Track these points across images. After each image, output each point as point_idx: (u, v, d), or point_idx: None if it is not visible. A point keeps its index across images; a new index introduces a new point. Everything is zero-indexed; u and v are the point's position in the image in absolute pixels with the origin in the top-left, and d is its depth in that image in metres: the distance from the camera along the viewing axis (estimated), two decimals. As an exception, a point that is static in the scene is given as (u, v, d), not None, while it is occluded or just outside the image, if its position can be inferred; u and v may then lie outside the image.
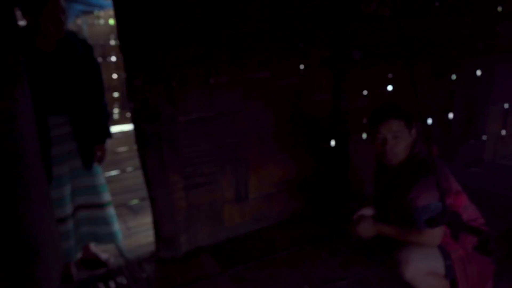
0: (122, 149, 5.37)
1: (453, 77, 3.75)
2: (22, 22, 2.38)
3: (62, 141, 2.48)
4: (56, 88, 2.40)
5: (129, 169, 4.71)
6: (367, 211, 2.41)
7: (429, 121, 3.75)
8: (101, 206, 2.69)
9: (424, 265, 2.05)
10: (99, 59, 6.53)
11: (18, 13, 2.27)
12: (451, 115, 3.84)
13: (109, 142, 2.71)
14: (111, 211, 2.75)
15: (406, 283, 2.08)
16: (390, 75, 3.36)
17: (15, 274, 1.88)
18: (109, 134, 2.67)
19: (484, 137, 4.14)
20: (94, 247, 2.87)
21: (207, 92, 2.76)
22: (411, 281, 2.07)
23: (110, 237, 2.76)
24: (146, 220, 3.31)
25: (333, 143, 3.35)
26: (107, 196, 2.72)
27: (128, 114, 4.76)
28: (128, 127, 6.13)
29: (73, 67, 2.44)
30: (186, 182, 2.83)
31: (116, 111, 7.39)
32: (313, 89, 3.16)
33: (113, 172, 4.58)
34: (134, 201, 3.83)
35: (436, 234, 2.03)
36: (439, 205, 1.97)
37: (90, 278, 2.69)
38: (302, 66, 3.08)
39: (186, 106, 2.71)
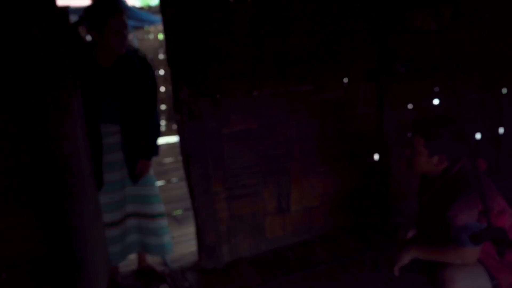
0: (168, 160, 5.48)
1: (504, 91, 3.60)
2: (88, 37, 2.49)
3: (115, 149, 2.55)
4: (110, 100, 2.49)
5: (174, 180, 4.80)
6: (410, 233, 2.35)
7: (478, 136, 3.61)
8: (151, 216, 2.73)
9: (470, 284, 1.97)
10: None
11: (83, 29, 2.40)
12: (501, 130, 3.68)
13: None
14: (162, 223, 2.76)
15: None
16: (436, 89, 3.27)
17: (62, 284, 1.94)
18: (155, 152, 2.69)
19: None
20: (148, 259, 2.90)
21: (250, 105, 2.79)
22: (456, 302, 1.98)
23: (158, 249, 2.78)
24: (189, 230, 3.36)
25: (376, 157, 3.28)
26: (158, 208, 2.75)
27: (175, 126, 4.87)
28: (174, 138, 6.25)
29: (128, 81, 2.50)
30: (228, 193, 2.85)
31: (163, 123, 7.58)
32: (357, 102, 3.12)
33: (159, 183, 4.66)
34: (178, 211, 3.89)
35: (473, 252, 1.95)
36: (476, 225, 1.90)
37: (135, 285, 2.74)
38: (345, 79, 3.05)
39: (229, 118, 2.75)
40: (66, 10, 1.91)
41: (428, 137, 2.04)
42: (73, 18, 2.36)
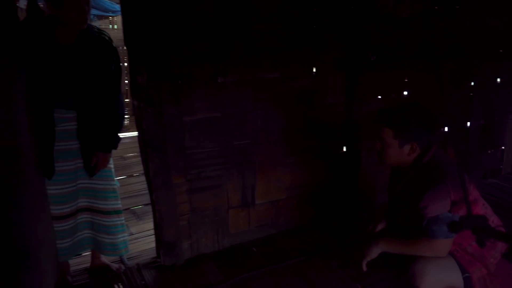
0: (130, 154, 5.27)
1: (473, 83, 3.59)
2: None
3: (69, 137, 2.38)
4: (67, 82, 2.30)
5: (136, 174, 4.61)
6: (380, 226, 2.28)
7: (446, 129, 3.59)
8: (105, 213, 2.56)
9: (441, 278, 1.91)
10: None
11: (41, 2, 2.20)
12: (469, 123, 3.68)
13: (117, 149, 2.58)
14: (117, 220, 2.60)
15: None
16: (406, 80, 3.22)
17: (4, 280, 1.78)
18: (115, 145, 2.51)
19: (503, 147, 3.96)
20: (104, 256, 2.74)
21: (215, 92, 2.65)
22: (427, 297, 1.92)
23: (111, 248, 2.62)
24: (149, 226, 3.20)
25: (345, 149, 3.20)
26: (114, 204, 2.58)
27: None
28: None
29: (89, 63, 2.33)
30: (190, 185, 2.71)
31: (126, 116, 7.32)
32: (326, 92, 3.03)
33: (120, 177, 4.48)
34: (139, 206, 3.72)
35: (445, 244, 1.90)
36: (449, 216, 1.85)
37: (87, 284, 2.57)
38: (314, 68, 2.95)
39: (192, 105, 2.60)
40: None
41: (396, 127, 1.97)
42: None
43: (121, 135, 2.58)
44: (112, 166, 2.59)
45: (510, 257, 1.95)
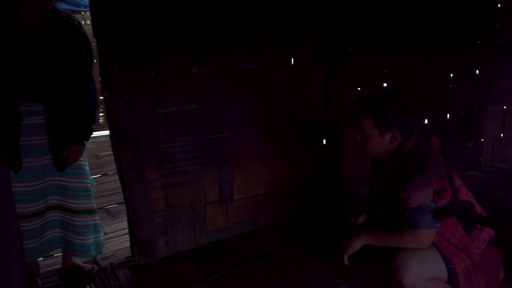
0: (105, 153, 5.12)
1: (452, 74, 3.58)
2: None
3: (37, 131, 2.25)
4: (32, 69, 2.17)
5: (111, 172, 4.48)
6: (361, 218, 2.23)
7: (426, 121, 3.57)
8: (76, 212, 2.44)
9: (425, 269, 1.86)
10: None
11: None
12: (449, 115, 3.67)
13: (91, 147, 2.46)
14: (88, 220, 2.47)
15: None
16: (385, 71, 3.18)
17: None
18: (86, 136, 2.38)
19: (482, 140, 3.97)
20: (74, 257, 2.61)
21: (189, 83, 2.57)
22: (411, 289, 1.87)
23: (81, 249, 2.48)
24: (124, 225, 3.08)
25: (325, 142, 3.15)
26: (86, 203, 2.46)
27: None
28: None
29: (56, 49, 2.19)
30: (165, 180, 2.62)
31: (100, 114, 7.15)
32: (304, 84, 2.97)
33: (95, 176, 4.34)
34: (113, 205, 3.60)
35: (428, 235, 1.86)
36: (431, 205, 1.82)
37: (57, 286, 2.45)
38: (292, 59, 2.89)
39: (166, 97, 2.51)
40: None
41: (375, 115, 1.91)
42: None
43: (96, 133, 2.46)
44: (85, 163, 2.47)
45: (498, 243, 1.90)
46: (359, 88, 3.10)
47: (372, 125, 1.91)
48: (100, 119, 6.97)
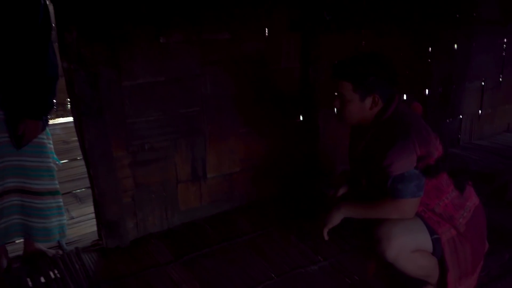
0: (74, 138, 4.90)
1: (430, 49, 3.51)
2: None
3: None
4: None
5: (79, 157, 4.27)
6: (341, 190, 2.12)
7: (404, 97, 3.49)
8: (38, 194, 2.28)
9: (409, 240, 1.77)
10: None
11: None
12: (427, 91, 3.60)
13: (59, 132, 2.28)
14: (52, 202, 2.32)
15: (387, 265, 1.78)
16: (363, 43, 3.08)
17: None
18: (46, 110, 2.19)
19: (461, 116, 3.93)
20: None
21: (157, 53, 2.41)
22: (394, 261, 1.79)
23: (43, 234, 2.33)
24: (91, 209, 2.90)
25: (302, 117, 3.03)
26: (49, 184, 2.30)
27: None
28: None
29: (10, 15, 2.00)
30: (133, 158, 2.47)
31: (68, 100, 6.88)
32: (280, 56, 2.85)
33: (62, 161, 4.14)
34: (81, 190, 3.43)
35: (412, 204, 1.77)
36: (415, 173, 1.71)
37: (18, 270, 2.28)
38: (267, 29, 2.75)
39: (131, 68, 2.36)
40: None
41: (355, 78, 1.79)
42: None
43: (65, 119, 2.29)
44: (47, 141, 2.30)
45: (496, 198, 1.80)
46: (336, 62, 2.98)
47: (352, 89, 1.80)
48: (68, 104, 6.71)
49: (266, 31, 2.76)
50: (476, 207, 1.90)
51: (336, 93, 1.88)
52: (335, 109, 1.93)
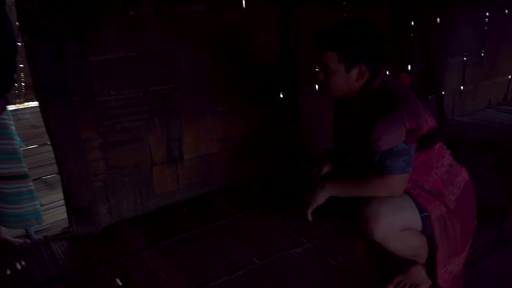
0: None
1: (412, 23, 3.42)
2: None
3: None
4: None
5: (49, 142, 4.08)
6: (326, 168, 2.02)
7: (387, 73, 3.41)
8: (5, 178, 2.16)
9: (397, 219, 1.69)
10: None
11: None
12: (410, 67, 3.53)
13: (29, 117, 2.12)
14: (22, 186, 2.21)
15: (375, 245, 1.71)
16: (345, 16, 2.97)
17: None
18: (5, 87, 2.05)
19: (443, 92, 3.87)
20: (3, 231, 2.32)
21: (127, 26, 2.26)
22: (382, 241, 1.71)
23: (15, 220, 2.24)
24: (62, 196, 2.77)
25: (282, 95, 2.92)
26: (18, 167, 2.19)
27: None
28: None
29: None
30: (103, 139, 2.33)
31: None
32: (258, 29, 2.72)
33: (31, 146, 3.97)
34: (52, 175, 3.28)
35: (401, 180, 1.68)
36: (404, 147, 1.62)
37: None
38: (244, 0, 2.61)
39: (100, 42, 2.20)
40: None
41: (340, 48, 1.67)
42: None
43: (34, 103, 2.13)
44: (9, 122, 2.18)
45: (498, 170, 1.72)
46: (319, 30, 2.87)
47: (337, 60, 1.68)
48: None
49: (243, 3, 2.62)
50: (466, 183, 1.83)
51: (318, 66, 1.77)
52: (318, 83, 1.80)
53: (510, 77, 4.49)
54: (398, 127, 1.61)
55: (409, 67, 3.54)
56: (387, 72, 1.76)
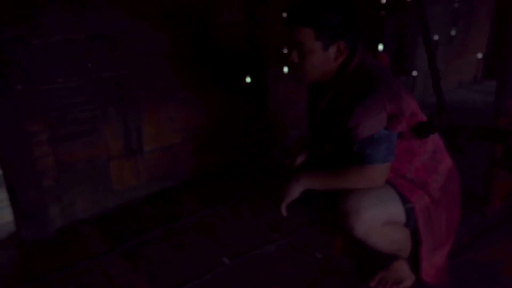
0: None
1: (383, 1, 3.30)
2: None
3: None
4: None
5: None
6: (299, 159, 1.87)
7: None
8: None
9: (380, 213, 1.57)
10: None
11: None
12: (381, 46, 3.41)
13: None
14: None
15: (355, 240, 1.58)
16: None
17: None
18: None
19: (415, 73, 3.79)
20: None
21: (74, 4, 2.02)
22: (364, 237, 1.59)
23: None
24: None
25: (249, 79, 2.75)
26: None
27: None
28: None
29: None
30: (52, 132, 2.11)
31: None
32: (222, 8, 2.53)
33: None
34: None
35: (382, 169, 1.55)
36: (386, 134, 1.49)
37: None
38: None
39: (43, 23, 1.96)
40: None
41: (317, 23, 1.50)
42: None
43: None
44: None
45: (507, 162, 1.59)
46: (285, 14, 2.70)
47: (313, 37, 1.51)
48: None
49: (204, -22, 2.43)
50: (450, 170, 1.72)
51: (290, 46, 1.60)
52: (292, 65, 1.63)
53: (480, 56, 4.44)
54: (379, 111, 1.47)
55: (381, 47, 3.42)
56: (365, 51, 1.61)
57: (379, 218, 1.56)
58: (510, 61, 1.94)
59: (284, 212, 1.69)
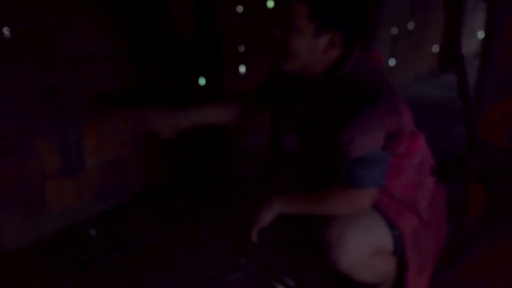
0: None
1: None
2: None
3: None
4: None
5: None
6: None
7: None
8: None
9: (366, 241, 1.39)
10: None
11: None
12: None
13: None
14: None
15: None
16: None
17: None
18: None
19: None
20: None
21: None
22: (348, 271, 1.40)
23: None
24: None
25: (203, 80, 2.48)
26: None
27: None
28: None
29: None
30: (-28, 150, 1.77)
31: None
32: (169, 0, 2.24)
33: None
34: None
35: (371, 194, 1.37)
36: (381, 154, 1.30)
37: None
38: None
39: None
40: None
41: (316, 3, 1.27)
42: None
43: None
44: None
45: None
46: (242, 8, 2.47)
47: (307, 16, 1.26)
48: None
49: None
50: (437, 185, 1.56)
51: (277, 20, 1.35)
52: (274, 43, 1.37)
53: (436, 48, 4.37)
54: (377, 128, 1.27)
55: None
56: (361, 50, 1.40)
57: (365, 248, 1.38)
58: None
59: (255, 238, 1.48)
